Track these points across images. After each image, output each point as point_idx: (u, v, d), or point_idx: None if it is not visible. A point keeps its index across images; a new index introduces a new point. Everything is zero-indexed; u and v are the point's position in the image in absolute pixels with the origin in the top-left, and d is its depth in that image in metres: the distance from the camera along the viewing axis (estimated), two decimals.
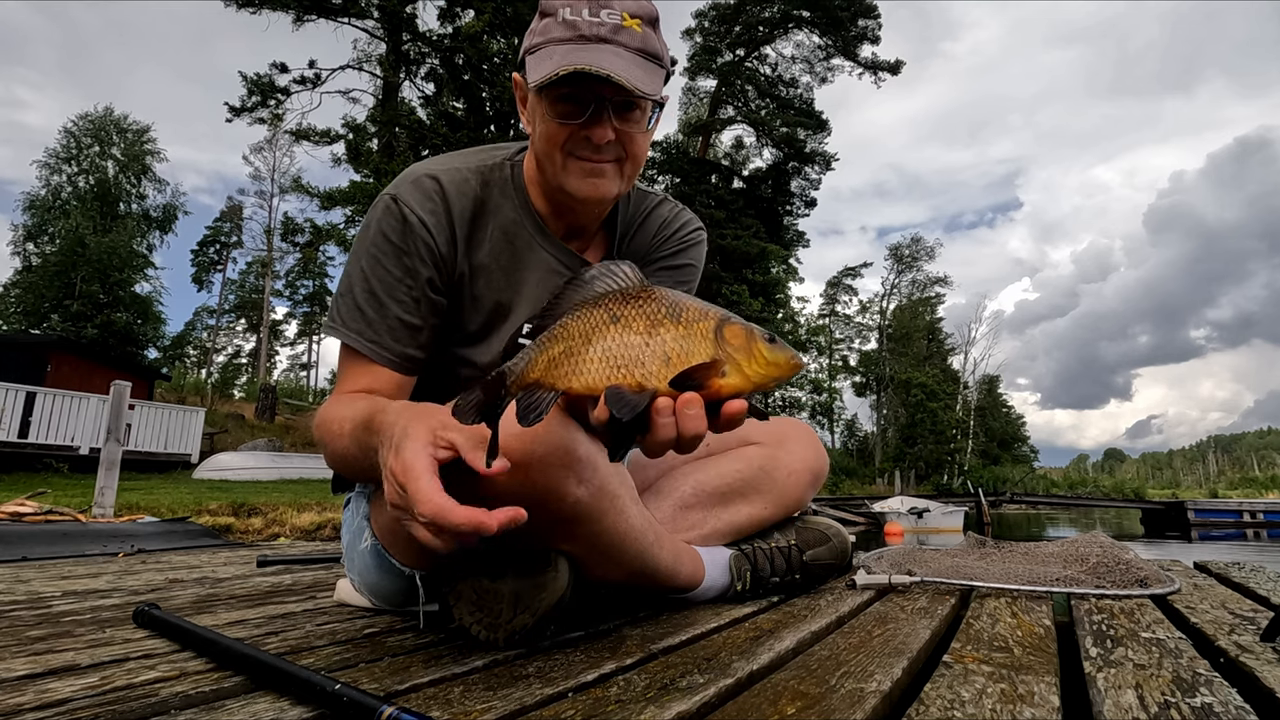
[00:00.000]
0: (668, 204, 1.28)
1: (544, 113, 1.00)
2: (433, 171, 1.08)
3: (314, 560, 2.24)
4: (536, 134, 1.04)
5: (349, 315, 1.04)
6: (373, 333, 1.03)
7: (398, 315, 1.04)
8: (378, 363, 1.03)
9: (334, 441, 0.94)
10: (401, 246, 1.04)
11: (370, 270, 1.04)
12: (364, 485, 1.11)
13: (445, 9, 20.28)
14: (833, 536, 1.28)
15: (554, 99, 0.98)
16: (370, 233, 1.06)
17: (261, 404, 21.12)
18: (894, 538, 13.06)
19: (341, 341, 1.05)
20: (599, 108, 0.97)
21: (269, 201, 37.34)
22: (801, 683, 0.70)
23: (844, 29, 26.89)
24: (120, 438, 5.24)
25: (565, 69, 0.91)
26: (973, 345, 45.22)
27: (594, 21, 0.96)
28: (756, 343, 0.71)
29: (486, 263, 1.10)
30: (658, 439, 0.70)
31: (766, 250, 25.57)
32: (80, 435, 12.19)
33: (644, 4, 1.00)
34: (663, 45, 1.02)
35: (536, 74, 0.95)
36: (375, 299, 1.04)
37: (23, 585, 1.72)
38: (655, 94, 0.97)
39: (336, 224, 21.76)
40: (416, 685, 0.71)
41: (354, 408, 0.93)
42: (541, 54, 0.97)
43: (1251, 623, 0.99)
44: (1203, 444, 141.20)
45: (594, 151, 1.01)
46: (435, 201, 1.06)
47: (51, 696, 0.70)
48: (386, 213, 1.05)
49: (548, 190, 1.10)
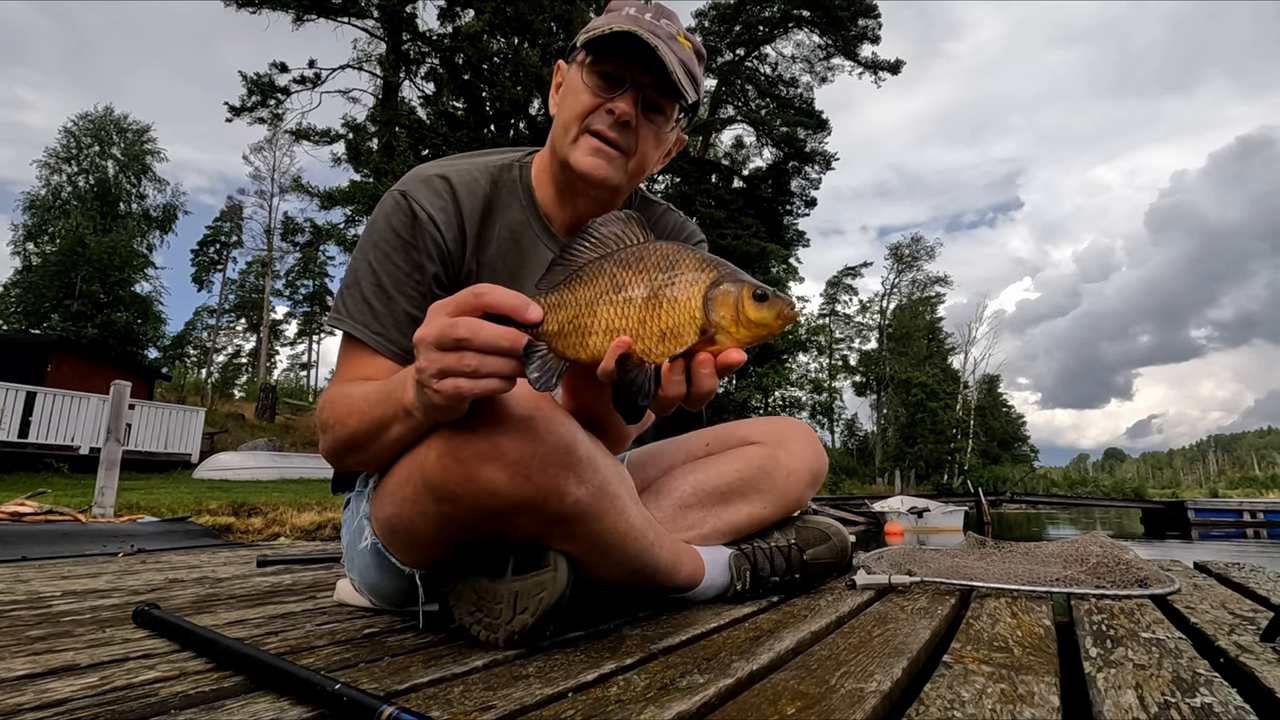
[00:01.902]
0: (674, 214, 1.32)
1: (581, 82, 1.05)
2: (442, 171, 1.10)
3: (314, 560, 2.24)
4: (564, 107, 1.08)
5: (355, 308, 1.04)
6: (379, 325, 1.03)
7: (405, 309, 1.04)
8: (382, 354, 1.03)
9: (345, 419, 0.93)
10: (410, 241, 1.05)
11: (378, 264, 1.04)
12: (363, 484, 1.11)
13: (445, 9, 20.28)
14: (833, 535, 1.28)
15: (594, 69, 1.04)
16: (378, 227, 1.06)
17: (261, 404, 21.12)
18: (894, 537, 13.06)
19: (345, 332, 1.05)
20: (631, 86, 1.04)
21: (269, 201, 37.38)
22: (801, 683, 0.70)
23: (844, 28, 26.87)
24: (120, 437, 5.24)
25: (621, 27, 0.99)
26: (973, 345, 45.26)
27: (655, 24, 1.04)
28: (744, 308, 0.74)
29: (493, 261, 1.11)
30: (669, 395, 0.74)
31: (766, 250, 25.56)
32: (80, 435, 12.19)
33: (698, 40, 1.09)
34: (701, 79, 1.11)
35: (588, 34, 1.03)
36: (383, 292, 1.04)
37: (23, 585, 1.72)
38: (684, 99, 1.05)
39: (336, 224, 21.77)
40: (416, 685, 0.71)
41: (365, 386, 0.94)
42: (595, 24, 1.05)
43: (1251, 623, 0.99)
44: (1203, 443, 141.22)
45: (609, 128, 1.05)
46: (445, 199, 1.08)
47: (51, 696, 0.70)
48: (396, 208, 1.06)
49: (555, 172, 1.12)
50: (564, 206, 1.15)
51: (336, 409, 0.95)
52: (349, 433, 0.93)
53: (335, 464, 1.03)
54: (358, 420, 0.91)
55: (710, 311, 0.73)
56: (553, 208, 1.15)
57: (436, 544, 0.93)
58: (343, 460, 0.99)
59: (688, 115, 1.13)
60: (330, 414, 0.96)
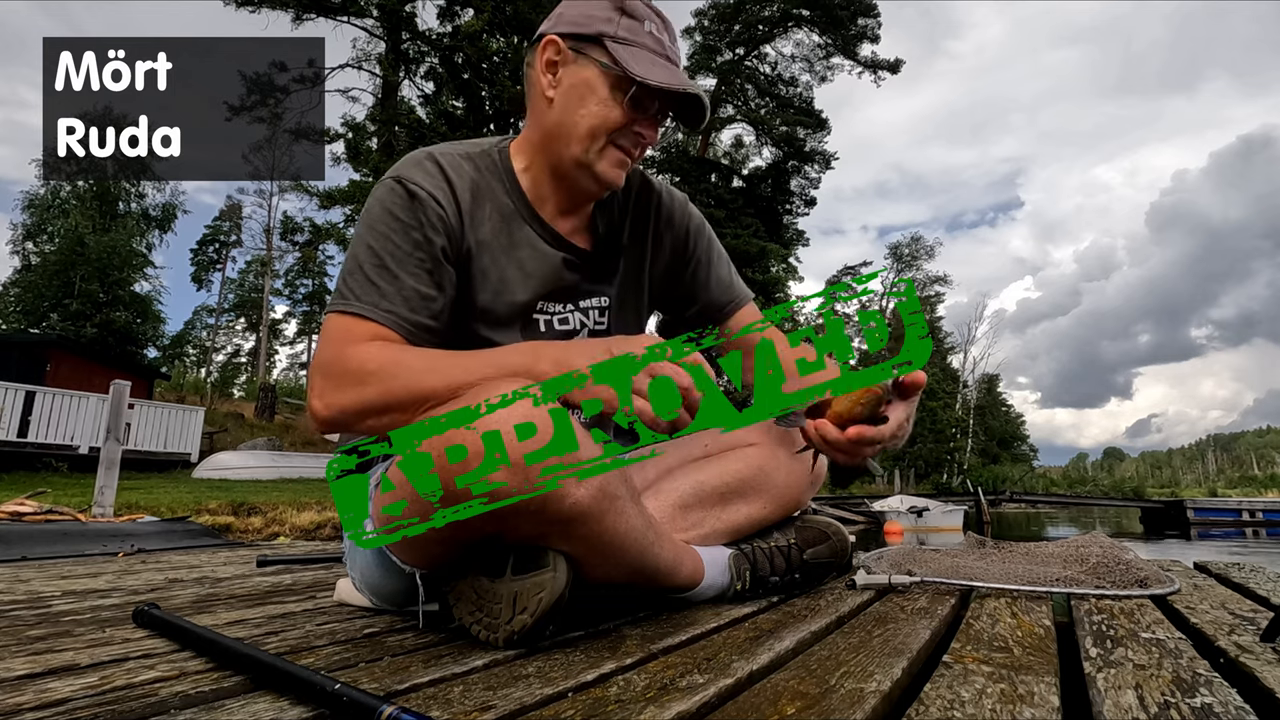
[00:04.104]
0: (670, 198, 1.33)
1: (612, 98, 1.08)
2: (430, 154, 1.11)
3: (314, 560, 2.24)
4: (585, 113, 1.09)
5: (360, 289, 1.01)
6: (387, 303, 1.00)
7: (412, 286, 1.02)
8: (392, 330, 1.00)
9: (414, 374, 0.91)
10: (410, 221, 1.04)
11: (379, 246, 1.03)
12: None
13: (444, 8, 20.27)
14: (832, 535, 1.28)
15: (638, 96, 1.08)
16: (375, 212, 1.05)
17: (261, 403, 21.12)
18: (894, 536, 13.07)
19: (350, 314, 1.00)
20: (660, 114, 1.13)
21: (268, 200, 37.34)
22: (801, 683, 0.70)
23: (844, 28, 26.86)
24: (120, 437, 5.24)
25: (687, 89, 1.08)
26: (973, 344, 45.27)
27: (674, 48, 1.13)
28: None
29: (488, 240, 1.12)
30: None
31: (766, 249, 25.53)
32: (80, 434, 12.18)
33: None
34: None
35: (645, 71, 1.06)
36: (387, 271, 1.02)
37: (22, 585, 1.72)
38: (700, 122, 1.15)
39: (336, 223, 21.76)
40: (416, 685, 0.71)
41: (428, 351, 0.98)
42: (637, 53, 1.08)
43: (1251, 623, 0.99)
44: (1202, 443, 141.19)
45: (633, 145, 1.12)
46: (438, 178, 1.08)
47: (51, 696, 0.70)
48: (390, 192, 1.06)
49: (561, 167, 1.14)
50: (556, 193, 1.17)
51: (398, 361, 0.93)
52: (417, 389, 0.90)
53: (353, 422, 0.94)
54: (435, 379, 0.90)
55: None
56: (540, 193, 1.17)
57: (436, 543, 0.93)
58: (378, 419, 0.93)
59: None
60: (376, 364, 0.93)
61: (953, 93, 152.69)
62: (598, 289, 1.23)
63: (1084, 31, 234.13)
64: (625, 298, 1.27)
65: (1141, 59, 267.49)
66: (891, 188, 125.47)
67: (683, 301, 1.35)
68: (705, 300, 1.34)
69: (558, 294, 1.18)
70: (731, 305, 1.36)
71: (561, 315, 1.19)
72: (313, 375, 0.99)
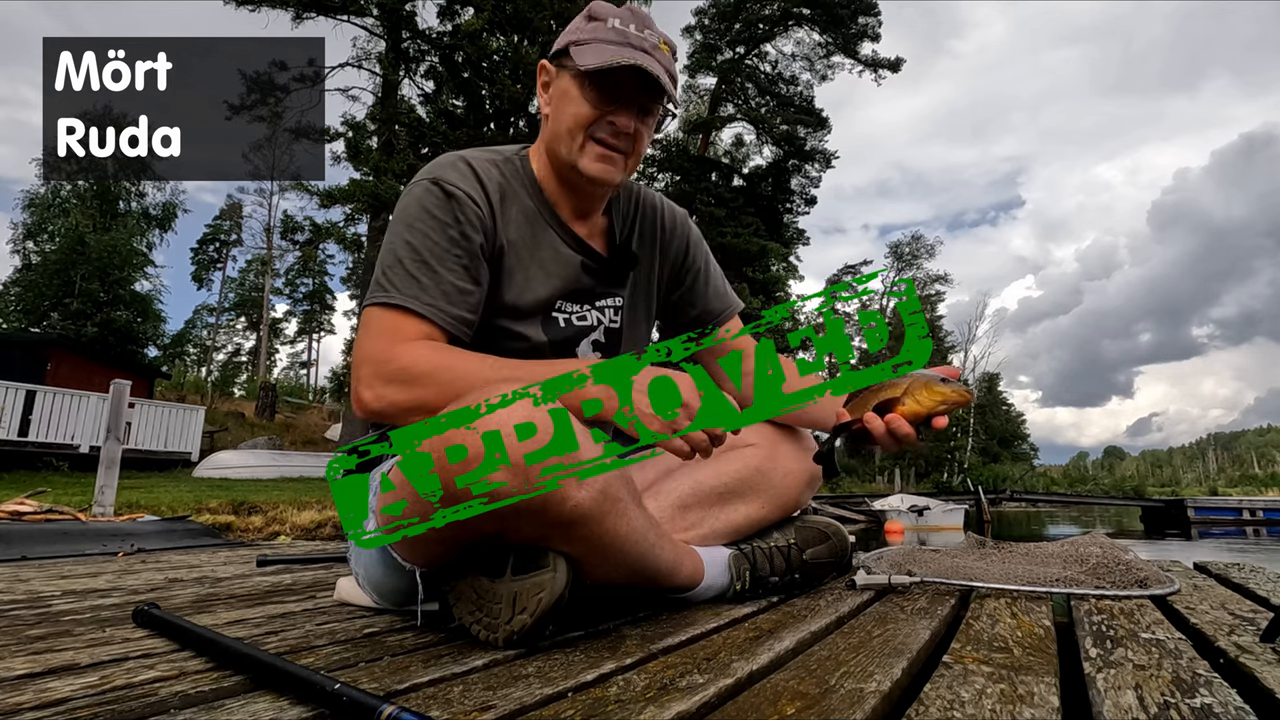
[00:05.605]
0: (661, 209, 1.38)
1: (580, 95, 1.12)
2: (462, 156, 1.16)
3: (314, 560, 2.24)
4: (564, 114, 1.14)
5: (401, 283, 1.04)
6: (428, 296, 1.04)
7: (450, 280, 1.06)
8: (435, 323, 1.04)
9: (465, 368, 0.97)
10: (447, 219, 1.07)
11: (418, 243, 1.06)
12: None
13: (445, 7, 20.25)
14: (832, 535, 1.28)
15: (595, 86, 1.11)
16: (413, 211, 1.08)
17: (261, 402, 21.13)
18: (894, 536, 13.06)
19: (392, 307, 1.03)
20: (630, 100, 1.12)
21: (268, 199, 37.33)
22: (801, 683, 0.70)
23: (844, 26, 26.82)
24: (120, 436, 5.24)
25: (624, 61, 1.07)
26: (973, 343, 45.25)
27: (639, 35, 1.12)
28: (932, 384, 0.98)
29: (516, 241, 1.16)
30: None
31: (767, 248, 25.50)
32: (80, 434, 12.19)
33: (671, 39, 1.19)
34: (677, 75, 1.21)
35: (590, 60, 1.09)
36: (427, 266, 1.05)
37: (22, 584, 1.72)
38: (673, 103, 1.16)
39: (336, 222, 21.76)
40: (416, 685, 0.71)
41: (484, 357, 1.02)
42: (591, 48, 1.11)
43: (1251, 623, 0.99)
44: (1203, 441, 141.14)
45: (612, 136, 1.13)
46: (472, 180, 1.12)
47: (51, 696, 0.70)
48: (426, 193, 1.09)
49: (560, 171, 1.19)
50: (566, 198, 1.22)
51: (450, 366, 0.97)
52: (462, 377, 0.96)
53: (402, 418, 0.96)
54: (482, 375, 0.95)
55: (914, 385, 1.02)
56: (558, 198, 1.22)
57: (436, 543, 0.93)
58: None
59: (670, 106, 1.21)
60: (430, 365, 0.98)
61: (954, 91, 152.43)
62: (612, 290, 1.27)
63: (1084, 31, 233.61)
64: (636, 300, 1.31)
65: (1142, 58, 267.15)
66: (892, 187, 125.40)
67: (683, 307, 1.40)
68: (704, 306, 1.40)
69: (576, 295, 1.22)
70: (726, 312, 1.42)
71: (580, 313, 1.23)
72: (360, 365, 1.02)
